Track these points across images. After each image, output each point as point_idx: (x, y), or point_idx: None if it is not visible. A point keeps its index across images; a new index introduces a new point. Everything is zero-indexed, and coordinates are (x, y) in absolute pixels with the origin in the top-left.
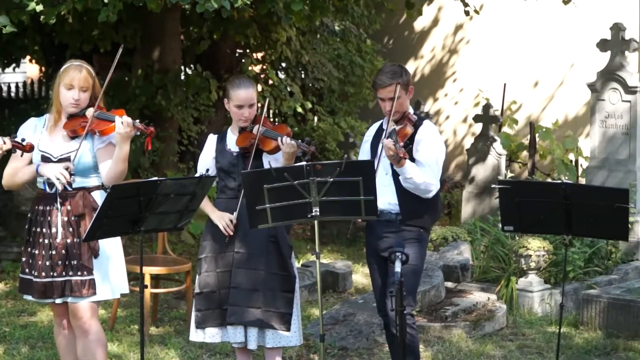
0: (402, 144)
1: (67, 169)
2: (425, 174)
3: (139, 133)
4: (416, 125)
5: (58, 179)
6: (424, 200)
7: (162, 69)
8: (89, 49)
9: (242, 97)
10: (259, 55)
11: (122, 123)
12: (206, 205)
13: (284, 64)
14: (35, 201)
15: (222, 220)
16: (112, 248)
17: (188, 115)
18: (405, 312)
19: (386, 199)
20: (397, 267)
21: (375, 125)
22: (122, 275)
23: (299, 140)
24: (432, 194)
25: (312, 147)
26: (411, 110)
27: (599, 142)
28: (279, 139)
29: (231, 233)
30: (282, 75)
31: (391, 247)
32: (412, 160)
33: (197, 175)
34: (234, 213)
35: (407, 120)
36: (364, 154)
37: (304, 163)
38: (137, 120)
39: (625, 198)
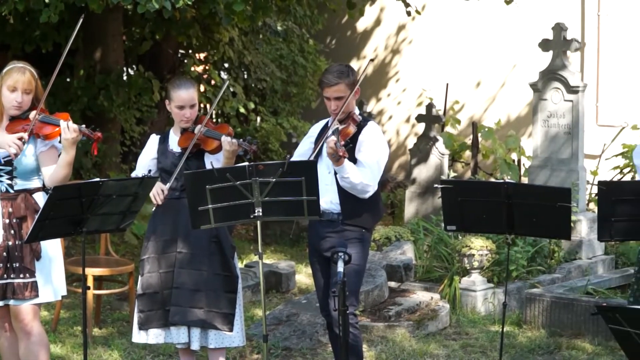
0: (342, 143)
1: (20, 139)
2: (363, 175)
3: (85, 138)
4: (360, 126)
5: (10, 146)
6: (365, 200)
7: (105, 69)
8: (31, 49)
9: (183, 97)
10: (202, 55)
11: (68, 128)
12: None
13: (226, 65)
14: None
15: (155, 188)
16: (54, 250)
17: (130, 116)
18: (347, 312)
19: (328, 197)
20: (340, 267)
21: (321, 124)
22: (62, 277)
23: (240, 140)
24: (368, 195)
25: (253, 146)
26: (357, 111)
27: (542, 141)
28: (221, 138)
29: (159, 202)
30: (224, 76)
31: (333, 247)
32: (354, 160)
33: (136, 175)
34: (167, 184)
35: (351, 120)
36: (304, 149)
37: (246, 164)
38: (83, 125)
39: (568, 197)
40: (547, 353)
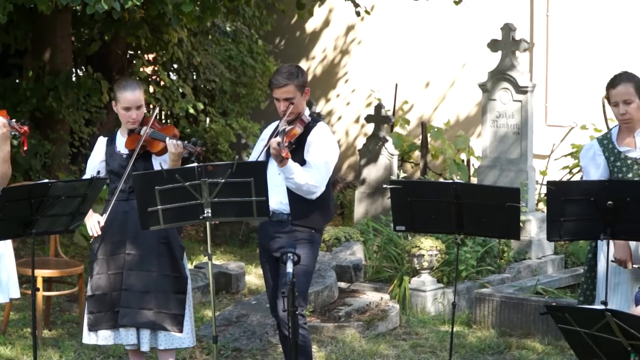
0: (286, 144)
1: None
2: (310, 175)
3: (14, 133)
4: (309, 127)
5: None
6: (315, 201)
7: (53, 70)
8: None
9: (129, 99)
10: (151, 56)
11: None
12: None
13: (175, 65)
14: None
15: (90, 219)
16: (2, 251)
17: (79, 117)
18: (296, 312)
19: (278, 198)
20: (289, 267)
21: (273, 125)
22: (14, 278)
23: (186, 141)
24: (315, 196)
25: (198, 148)
26: (307, 112)
27: (491, 141)
28: (166, 140)
29: (95, 234)
30: (173, 77)
31: (283, 248)
32: (303, 161)
33: (86, 177)
34: (104, 215)
35: (300, 122)
36: (257, 151)
37: (195, 164)
38: (13, 120)
39: (516, 197)
40: (497, 353)
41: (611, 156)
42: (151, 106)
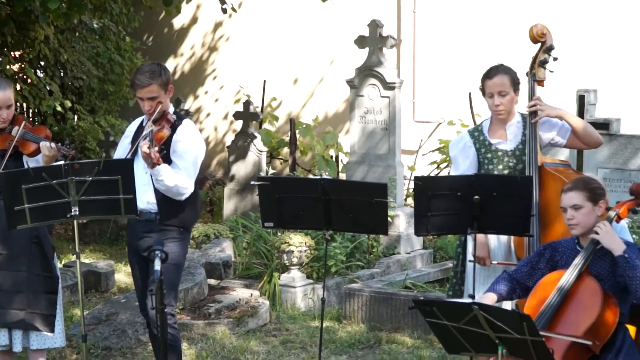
0: (157, 148)
1: None
2: (179, 176)
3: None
4: (175, 126)
5: None
6: (182, 201)
7: None
8: None
9: None
10: (17, 53)
11: None
12: None
13: (42, 63)
14: None
15: None
16: None
17: None
18: (165, 310)
19: (145, 198)
20: (157, 265)
21: (137, 122)
22: None
23: (59, 144)
24: (184, 197)
25: (72, 151)
26: (171, 110)
27: (359, 137)
28: (40, 143)
29: None
30: (40, 74)
31: (151, 247)
32: (170, 160)
33: None
34: None
35: (166, 122)
36: (122, 149)
37: (62, 162)
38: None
39: (384, 192)
40: (367, 347)
41: (482, 148)
42: (18, 104)
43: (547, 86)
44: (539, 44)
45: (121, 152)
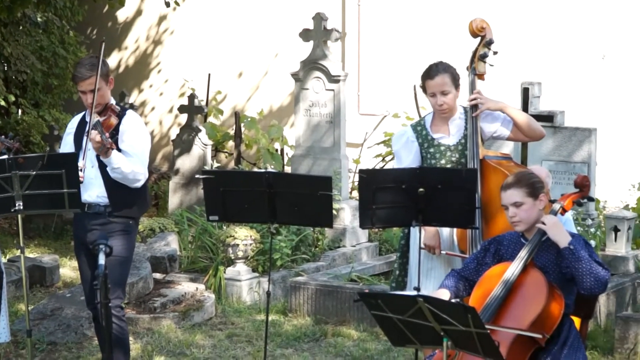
0: (108, 134)
1: None
2: (133, 164)
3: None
4: (120, 116)
5: None
6: (132, 192)
7: None
8: None
9: None
10: None
11: None
12: None
13: None
14: None
15: None
16: None
17: None
18: (114, 304)
19: (95, 192)
20: (101, 259)
21: (78, 117)
22: None
23: (2, 137)
24: (140, 183)
25: (16, 143)
26: (113, 102)
27: (304, 130)
28: None
29: None
30: None
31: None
32: (119, 150)
33: None
34: None
35: (111, 111)
36: (67, 146)
37: (5, 157)
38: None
39: (328, 185)
40: (312, 340)
41: (425, 142)
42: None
43: (491, 79)
44: (479, 38)
45: (67, 149)
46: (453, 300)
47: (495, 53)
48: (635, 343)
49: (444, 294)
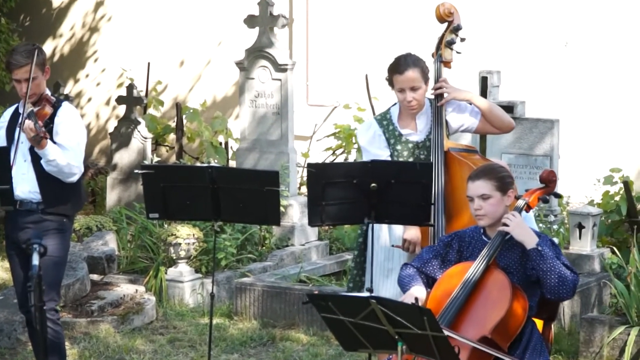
0: (42, 124)
1: None
2: (67, 156)
3: None
4: (55, 107)
5: None
6: (66, 187)
7: None
8: None
9: None
10: None
11: None
12: None
13: None
14: None
15: None
16: None
17: None
18: (48, 307)
19: (27, 187)
20: (35, 259)
21: (11, 110)
22: None
23: None
24: (76, 178)
25: None
26: (48, 92)
27: (249, 122)
28: None
29: None
30: None
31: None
32: (53, 142)
33: None
34: None
35: (46, 101)
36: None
37: None
38: None
39: (275, 181)
40: (260, 345)
41: (391, 138)
42: None
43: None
44: (446, 24)
45: None
46: (407, 302)
47: (463, 40)
48: (601, 346)
49: (421, 291)
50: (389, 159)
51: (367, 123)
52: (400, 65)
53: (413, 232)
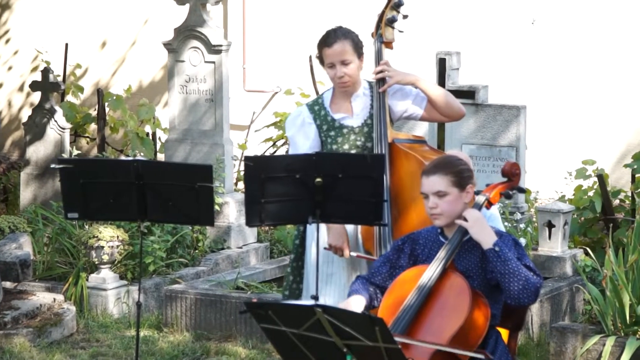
0: None
1: None
2: None
3: None
4: None
5: None
6: None
7: None
8: None
9: None
10: None
11: None
12: None
13: None
14: None
15: None
16: None
17: None
18: None
19: None
20: None
21: None
22: None
23: None
24: None
25: None
26: None
27: (180, 110)
28: None
29: None
30: None
31: None
32: None
33: None
34: None
35: None
36: None
37: None
38: None
39: (209, 176)
40: (193, 359)
41: (324, 124)
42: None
43: (402, 48)
44: (386, 0)
45: None
46: (357, 311)
47: (405, 17)
48: (573, 358)
49: (359, 302)
50: (310, 151)
51: (297, 110)
52: (329, 37)
53: (337, 236)
